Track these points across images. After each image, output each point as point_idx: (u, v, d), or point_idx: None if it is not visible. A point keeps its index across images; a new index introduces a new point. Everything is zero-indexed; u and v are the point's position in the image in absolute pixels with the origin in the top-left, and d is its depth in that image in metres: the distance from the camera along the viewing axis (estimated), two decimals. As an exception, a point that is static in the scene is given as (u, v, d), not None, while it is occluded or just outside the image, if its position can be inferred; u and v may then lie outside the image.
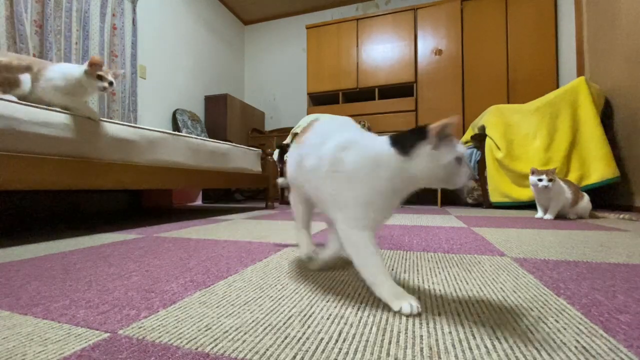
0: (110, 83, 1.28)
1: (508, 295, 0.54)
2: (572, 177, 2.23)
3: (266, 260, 0.79)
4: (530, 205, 2.28)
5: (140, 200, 2.71)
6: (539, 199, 1.70)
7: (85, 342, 0.39)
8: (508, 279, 0.63)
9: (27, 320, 0.45)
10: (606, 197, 2.40)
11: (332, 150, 0.55)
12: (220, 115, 3.64)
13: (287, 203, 3.11)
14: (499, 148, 2.38)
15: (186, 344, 0.38)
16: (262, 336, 0.40)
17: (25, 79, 1.18)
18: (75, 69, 1.24)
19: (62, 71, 1.23)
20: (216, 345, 0.38)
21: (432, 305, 0.50)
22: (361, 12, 4.04)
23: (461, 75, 3.20)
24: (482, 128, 2.51)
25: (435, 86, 3.28)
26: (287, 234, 1.19)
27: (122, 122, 1.41)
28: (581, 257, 0.81)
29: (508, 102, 3.07)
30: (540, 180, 1.60)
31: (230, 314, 0.47)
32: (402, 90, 3.50)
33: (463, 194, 1.34)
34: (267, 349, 0.37)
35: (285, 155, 3.00)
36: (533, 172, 1.65)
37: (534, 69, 3.01)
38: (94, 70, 1.23)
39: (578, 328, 0.42)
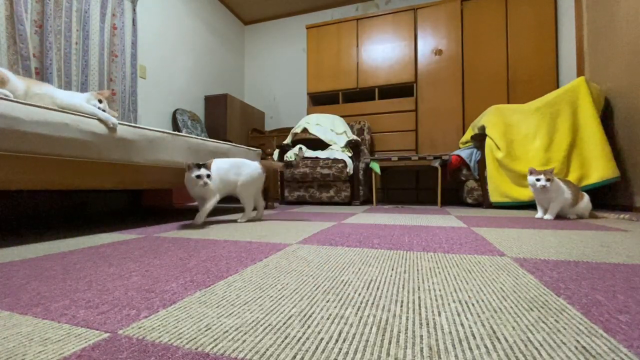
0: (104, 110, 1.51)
1: (508, 295, 0.54)
2: (572, 177, 2.23)
3: (266, 260, 0.79)
4: (530, 205, 2.28)
5: (140, 200, 2.71)
6: (539, 200, 1.70)
7: (85, 342, 0.39)
8: (508, 279, 0.63)
9: (27, 320, 0.45)
10: (606, 197, 2.40)
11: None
12: (220, 115, 3.64)
13: (287, 203, 3.11)
14: (499, 148, 2.38)
15: (186, 344, 0.38)
16: (262, 336, 0.40)
17: (13, 77, 1.20)
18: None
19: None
20: (216, 345, 0.38)
21: (432, 305, 0.50)
22: (361, 12, 4.04)
23: (461, 75, 3.20)
24: (482, 128, 2.51)
25: (435, 86, 3.28)
26: (288, 234, 1.19)
27: (122, 122, 1.41)
28: (581, 257, 0.81)
29: (508, 102, 3.07)
30: (538, 180, 1.60)
31: (230, 314, 0.47)
32: (402, 90, 3.50)
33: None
34: (267, 349, 0.37)
35: (285, 155, 3.06)
36: (531, 172, 1.65)
37: (534, 69, 3.01)
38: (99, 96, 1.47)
39: (578, 328, 0.42)
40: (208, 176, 1.37)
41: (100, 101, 1.43)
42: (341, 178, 2.80)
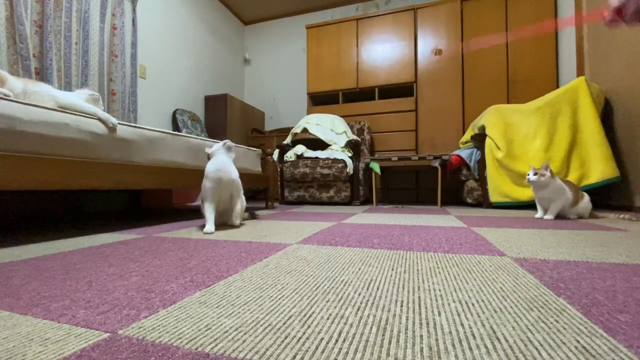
0: None
1: (508, 295, 0.54)
2: (572, 177, 2.23)
3: (266, 260, 0.79)
4: (530, 205, 2.28)
5: (140, 200, 2.71)
6: (539, 199, 1.70)
7: (85, 342, 0.39)
8: (508, 279, 0.63)
9: (27, 320, 0.45)
10: (606, 197, 2.40)
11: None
12: (220, 115, 3.64)
13: (287, 203, 3.11)
14: (499, 148, 2.38)
15: (186, 344, 0.38)
16: (262, 336, 0.40)
17: (10, 77, 1.21)
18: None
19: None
20: (216, 345, 0.38)
21: (432, 305, 0.50)
22: (361, 12, 4.04)
23: (461, 75, 3.20)
24: (482, 128, 2.51)
25: (435, 86, 3.28)
26: (288, 234, 1.19)
27: (122, 122, 1.41)
28: (581, 257, 0.81)
29: (508, 102, 3.07)
30: (528, 175, 1.67)
31: (230, 314, 0.47)
32: (402, 90, 3.50)
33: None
34: (267, 349, 0.37)
35: (285, 155, 3.05)
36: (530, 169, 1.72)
37: (534, 69, 3.01)
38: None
39: (578, 328, 0.42)
40: None
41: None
42: (341, 178, 2.80)
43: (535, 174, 1.63)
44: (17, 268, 0.74)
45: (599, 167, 2.16)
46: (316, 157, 2.93)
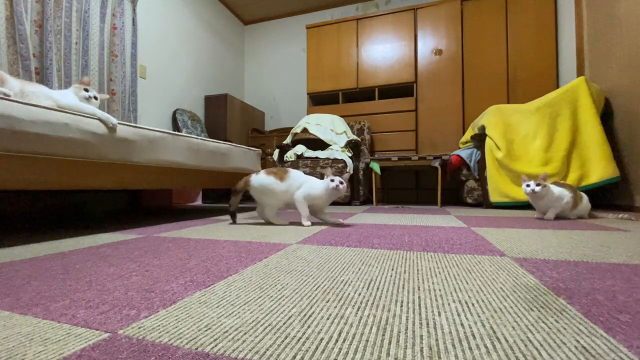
0: (95, 97, 1.45)
1: (508, 295, 0.54)
2: (572, 177, 2.23)
3: (266, 260, 0.79)
4: (530, 205, 2.28)
5: (140, 200, 2.71)
6: (537, 207, 1.66)
7: (85, 342, 0.39)
8: (508, 279, 0.63)
9: (27, 320, 0.45)
10: (606, 197, 2.40)
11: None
12: (220, 115, 3.64)
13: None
14: (499, 148, 2.38)
15: (186, 344, 0.38)
16: (262, 336, 0.40)
17: (9, 77, 1.21)
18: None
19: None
20: (216, 345, 0.38)
21: (432, 305, 0.50)
22: (361, 12, 4.04)
23: (461, 75, 3.20)
24: (482, 128, 2.51)
25: (435, 86, 3.28)
26: (288, 234, 1.19)
27: (122, 122, 1.41)
28: (581, 257, 0.81)
29: (508, 102, 3.07)
30: (528, 185, 1.57)
31: (230, 314, 0.47)
32: (402, 90, 3.50)
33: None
34: (267, 349, 0.37)
35: (285, 155, 3.08)
36: (524, 180, 1.61)
37: (534, 69, 3.01)
38: (82, 86, 1.43)
39: (578, 328, 0.42)
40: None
41: (86, 90, 1.41)
42: (341, 178, 2.80)
43: (538, 184, 1.54)
44: (17, 268, 0.74)
45: (599, 167, 2.17)
46: (316, 157, 2.93)
